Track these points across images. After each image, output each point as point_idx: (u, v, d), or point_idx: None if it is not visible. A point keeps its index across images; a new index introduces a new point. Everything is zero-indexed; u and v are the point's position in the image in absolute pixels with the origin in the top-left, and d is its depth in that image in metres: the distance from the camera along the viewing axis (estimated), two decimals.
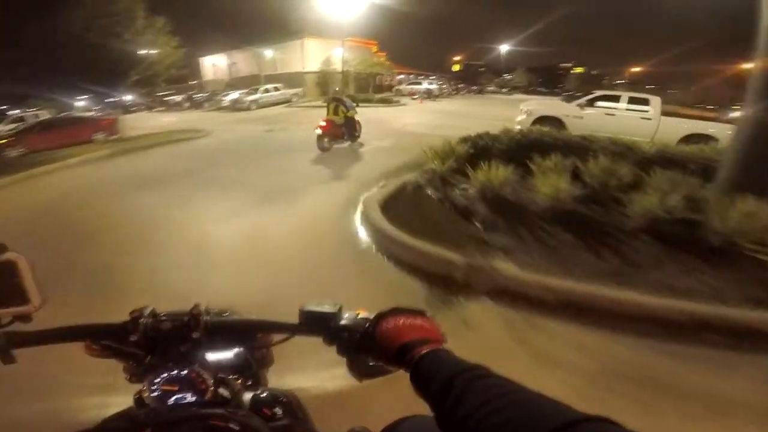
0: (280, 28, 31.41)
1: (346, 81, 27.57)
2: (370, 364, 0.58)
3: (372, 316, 0.58)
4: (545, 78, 68.23)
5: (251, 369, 0.68)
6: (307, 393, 0.79)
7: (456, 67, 67.56)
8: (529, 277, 2.84)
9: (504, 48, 63.76)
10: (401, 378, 0.52)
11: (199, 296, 0.66)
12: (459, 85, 40.19)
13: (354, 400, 1.27)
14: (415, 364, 0.48)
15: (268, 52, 32.98)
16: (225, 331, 0.62)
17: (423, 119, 15.26)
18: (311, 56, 30.09)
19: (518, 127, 10.50)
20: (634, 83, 71.17)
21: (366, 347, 0.56)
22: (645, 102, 9.91)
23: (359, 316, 0.60)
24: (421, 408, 0.47)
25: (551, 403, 0.36)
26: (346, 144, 8.75)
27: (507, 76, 72.35)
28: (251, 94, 23.00)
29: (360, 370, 0.59)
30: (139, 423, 0.49)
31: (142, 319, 0.59)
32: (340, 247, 3.83)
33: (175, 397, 0.55)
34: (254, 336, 0.67)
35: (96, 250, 3.85)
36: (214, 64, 39.17)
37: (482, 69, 69.96)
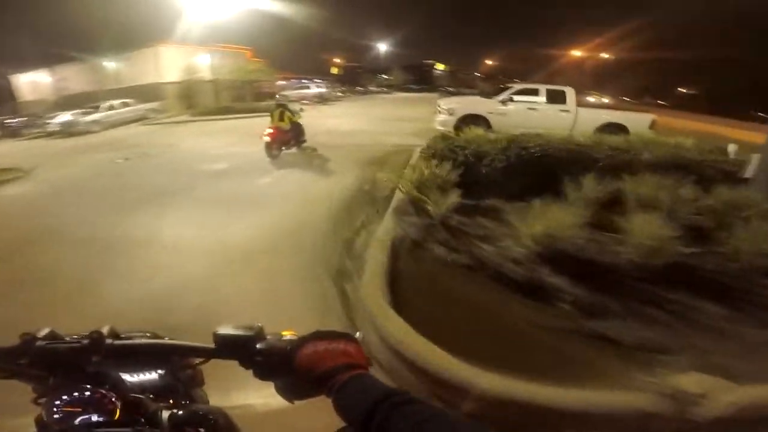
0: (126, 36, 25.85)
1: (218, 90, 23.79)
2: (292, 386, 0.56)
3: (295, 339, 0.57)
4: (417, 76, 71.91)
5: (178, 389, 0.65)
6: (253, 410, 0.77)
7: (335, 70, 66.56)
8: None
9: (382, 47, 65.08)
10: None
11: None
12: (343, 88, 39.00)
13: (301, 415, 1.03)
14: (337, 390, 0.47)
15: (111, 64, 26.80)
16: (131, 354, 0.59)
17: (338, 125, 13.46)
18: (169, 65, 25.18)
19: (440, 128, 9.59)
20: (489, 77, 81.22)
21: (285, 371, 0.55)
22: (561, 94, 9.83)
23: (284, 338, 0.59)
24: None
25: (474, 425, 0.35)
26: (293, 150, 8.43)
27: (383, 76, 74.60)
28: (91, 113, 17.87)
29: (287, 392, 0.57)
30: None
31: (37, 342, 0.57)
32: None
33: (80, 418, 0.54)
34: (169, 358, 0.64)
35: None
36: (33, 82, 30.63)
37: (360, 70, 70.57)
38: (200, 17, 20.09)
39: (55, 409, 0.54)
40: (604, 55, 52.94)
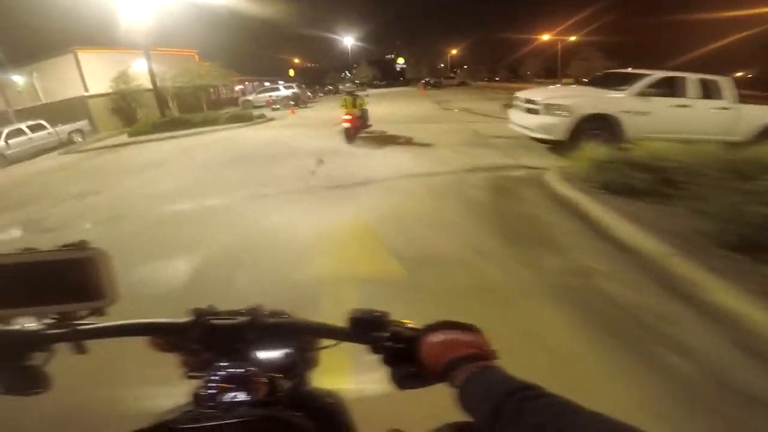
0: (38, 42, 20.27)
1: (164, 101, 19.00)
2: (413, 375, 0.56)
3: (419, 328, 0.57)
4: (385, 70, 68.61)
5: (297, 369, 0.65)
6: (346, 396, 0.67)
7: (291, 72, 61.83)
8: None
9: (347, 42, 60.86)
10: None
11: None
12: (316, 87, 34.70)
13: (392, 405, 1.04)
14: (464, 381, 0.46)
15: (17, 78, 21.18)
16: (278, 332, 0.62)
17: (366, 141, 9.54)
18: (95, 74, 19.96)
19: (538, 135, 6.03)
20: (455, 66, 79.17)
21: (410, 358, 0.55)
22: (715, 86, 6.49)
23: (407, 326, 0.59)
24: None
25: (614, 423, 0.33)
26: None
27: (347, 73, 70.78)
28: None
29: (402, 380, 0.57)
30: (206, 421, 0.48)
31: (201, 318, 0.59)
32: None
33: (230, 395, 0.54)
34: (304, 338, 0.66)
35: None
36: None
37: (317, 70, 66.76)
38: (128, 16, 15.29)
39: (211, 384, 0.55)
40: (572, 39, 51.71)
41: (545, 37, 55.85)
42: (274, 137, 10.75)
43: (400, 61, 78.02)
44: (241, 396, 0.54)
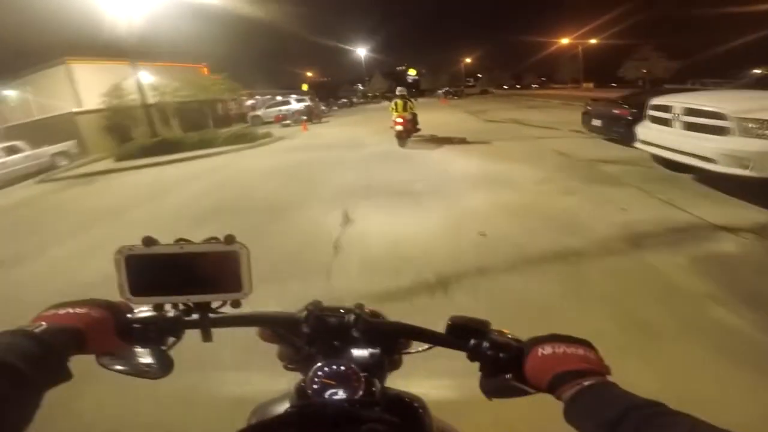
0: (26, 51, 18.56)
1: (160, 115, 16.94)
2: (505, 384, 0.54)
3: (519, 338, 0.56)
4: (398, 82, 66.75)
5: (382, 370, 0.65)
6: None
7: (305, 87, 60.57)
8: None
9: (362, 54, 59.18)
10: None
11: None
12: (330, 100, 32.66)
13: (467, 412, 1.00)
14: (576, 393, 0.44)
15: (10, 92, 19.56)
16: (378, 332, 0.61)
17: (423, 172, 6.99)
18: (91, 88, 18.04)
19: (748, 173, 3.26)
20: (468, 75, 76.70)
21: (510, 368, 0.53)
22: None
23: (508, 336, 0.57)
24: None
25: None
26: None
27: (359, 86, 69.13)
28: None
29: (492, 389, 0.56)
30: (321, 416, 0.51)
31: (314, 312, 0.60)
32: None
33: (330, 391, 0.56)
34: (398, 340, 0.66)
35: None
36: None
37: (327, 79, 65.29)
38: (133, 24, 13.33)
39: (316, 379, 0.56)
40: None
41: (564, 40, 52.78)
42: (279, 166, 8.23)
43: (412, 72, 76.08)
44: (341, 393, 0.56)
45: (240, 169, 8.49)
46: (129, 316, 0.57)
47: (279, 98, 23.83)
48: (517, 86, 59.89)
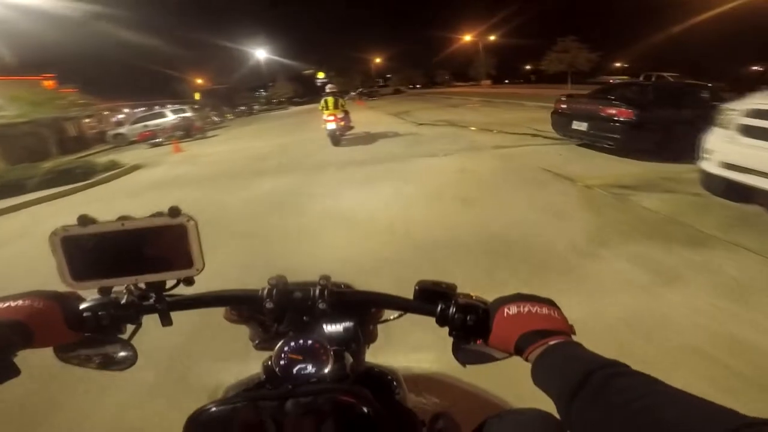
0: None
1: None
2: (478, 350, 0.54)
3: (488, 301, 0.54)
4: (305, 86, 62.74)
5: (358, 344, 0.65)
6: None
7: (197, 96, 53.68)
8: None
9: (261, 57, 53.66)
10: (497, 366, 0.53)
11: None
12: (223, 109, 27.97)
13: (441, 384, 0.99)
14: (541, 354, 0.44)
15: None
16: (346, 303, 0.60)
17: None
18: None
19: None
20: (379, 76, 75.94)
21: (479, 332, 0.52)
22: None
23: (475, 298, 0.55)
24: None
25: (710, 405, 0.30)
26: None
27: (262, 92, 63.66)
28: None
29: (466, 356, 0.55)
30: (280, 395, 0.49)
31: (277, 286, 0.58)
32: None
33: (298, 367, 0.55)
34: (368, 311, 0.66)
35: None
36: None
37: (222, 86, 59.16)
38: None
39: (282, 356, 0.55)
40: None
41: (467, 37, 54.26)
42: None
43: (320, 75, 72.72)
44: (310, 368, 0.55)
45: (34, 247, 4.49)
46: (79, 305, 0.54)
47: (157, 110, 18.66)
48: (418, 86, 59.68)
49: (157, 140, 13.29)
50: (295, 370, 0.55)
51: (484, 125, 9.85)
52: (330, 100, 8.36)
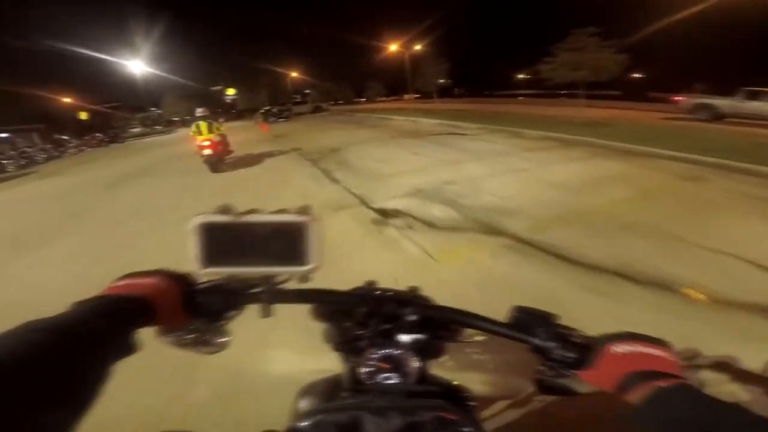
0: None
1: None
2: (564, 382, 0.51)
3: (589, 335, 0.52)
4: (210, 103, 52.89)
5: (433, 356, 0.61)
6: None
7: (83, 115, 42.66)
8: None
9: (138, 69, 42.61)
10: None
11: None
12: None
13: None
14: (651, 397, 0.41)
15: None
16: (436, 318, 0.59)
17: None
18: None
19: None
20: (298, 91, 68.20)
21: (577, 364, 0.49)
22: None
23: (577, 332, 0.53)
24: None
25: None
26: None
27: (154, 110, 52.41)
28: None
29: (551, 386, 0.52)
30: (381, 407, 0.47)
31: (370, 293, 0.59)
32: None
33: (382, 375, 0.55)
34: (450, 327, 0.62)
35: None
36: None
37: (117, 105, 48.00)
38: None
39: (370, 362, 0.55)
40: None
41: (393, 46, 49.62)
42: None
43: (230, 92, 63.01)
44: (394, 378, 0.54)
45: None
46: (194, 289, 0.56)
47: None
48: (340, 102, 52.44)
49: None
50: (379, 378, 0.54)
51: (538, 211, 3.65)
52: (203, 124, 8.04)
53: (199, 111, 8.61)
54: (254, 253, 0.50)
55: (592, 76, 9.05)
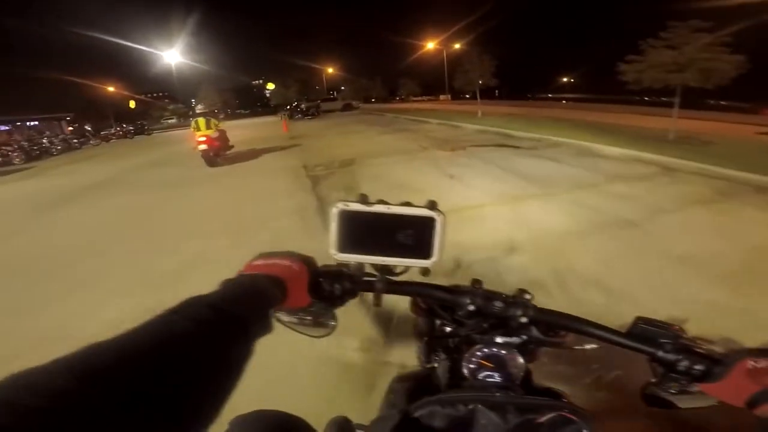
0: None
1: None
2: (683, 396, 0.49)
3: (717, 349, 0.49)
4: (248, 97, 52.68)
5: (528, 359, 0.58)
6: None
7: (132, 104, 46.49)
8: None
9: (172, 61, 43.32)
10: None
11: None
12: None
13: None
14: None
15: None
16: (546, 322, 0.56)
17: None
18: None
19: None
20: (332, 88, 67.31)
21: (704, 377, 0.47)
22: None
23: (703, 345, 0.50)
24: None
25: None
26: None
27: (180, 105, 53.20)
28: None
29: (660, 397, 0.51)
30: (496, 402, 0.47)
31: (480, 292, 0.57)
32: None
33: (485, 373, 0.54)
34: (557, 332, 0.58)
35: None
36: None
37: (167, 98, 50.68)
38: None
39: (474, 359, 0.54)
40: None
41: (431, 44, 47.05)
42: None
43: (270, 87, 63.29)
44: (497, 377, 0.54)
45: None
46: (319, 273, 0.56)
47: None
48: (373, 100, 49.61)
49: None
50: (480, 376, 0.54)
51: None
52: (201, 121, 8.14)
53: (199, 108, 9.29)
54: (383, 244, 0.52)
55: (700, 80, 6.55)
